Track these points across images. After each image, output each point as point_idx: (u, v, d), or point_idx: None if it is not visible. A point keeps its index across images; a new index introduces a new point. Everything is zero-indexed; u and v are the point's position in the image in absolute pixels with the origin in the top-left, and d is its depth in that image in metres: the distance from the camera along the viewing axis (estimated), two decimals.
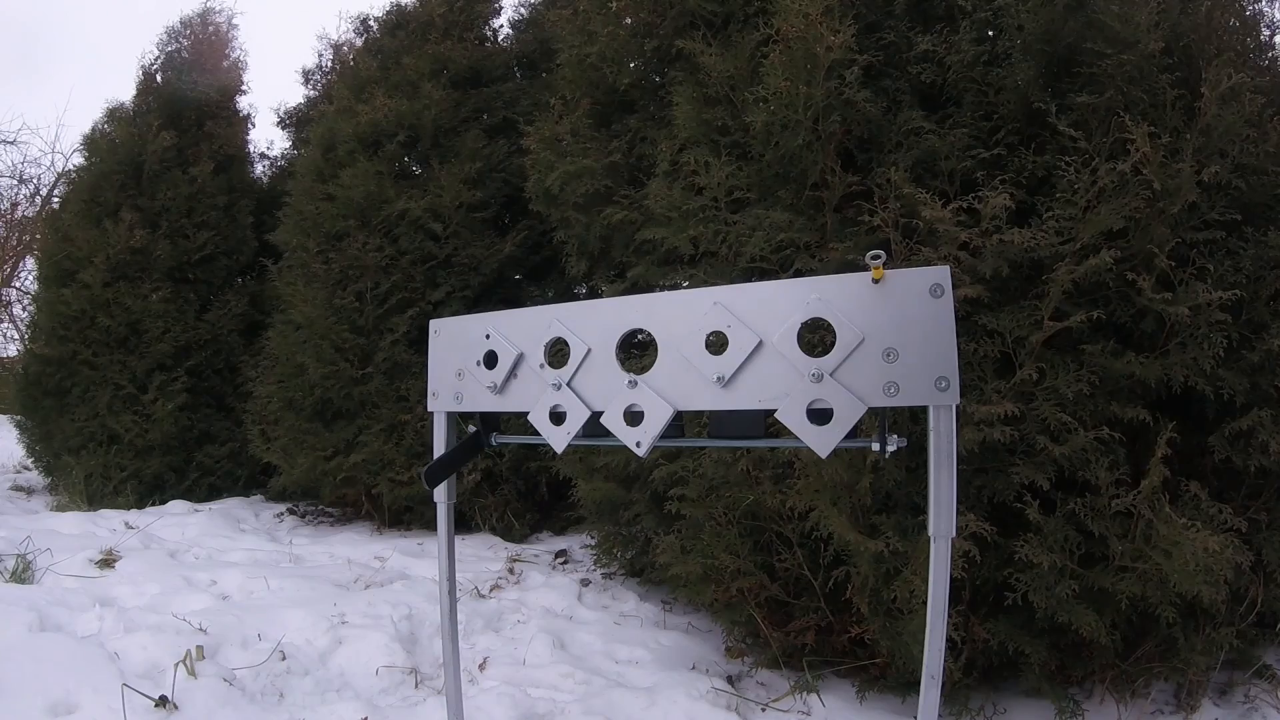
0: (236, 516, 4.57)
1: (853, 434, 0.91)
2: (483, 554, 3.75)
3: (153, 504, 4.93)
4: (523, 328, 1.15)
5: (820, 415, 0.91)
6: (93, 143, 5.71)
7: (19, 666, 1.97)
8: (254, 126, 7.09)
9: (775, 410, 0.93)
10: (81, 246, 5.29)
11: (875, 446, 0.94)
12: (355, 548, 3.78)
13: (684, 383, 1.00)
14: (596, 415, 1.07)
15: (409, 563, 3.54)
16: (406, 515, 4.38)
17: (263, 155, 6.79)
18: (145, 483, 5.12)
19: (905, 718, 2.10)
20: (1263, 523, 1.92)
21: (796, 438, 0.93)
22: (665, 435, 1.03)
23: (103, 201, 5.44)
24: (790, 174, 2.18)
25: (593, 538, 3.36)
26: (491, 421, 1.28)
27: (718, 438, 1.05)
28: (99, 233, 5.29)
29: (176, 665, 2.09)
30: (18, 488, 5.81)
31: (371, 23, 5.53)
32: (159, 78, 5.95)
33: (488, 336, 1.18)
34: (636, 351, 2.36)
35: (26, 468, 6.12)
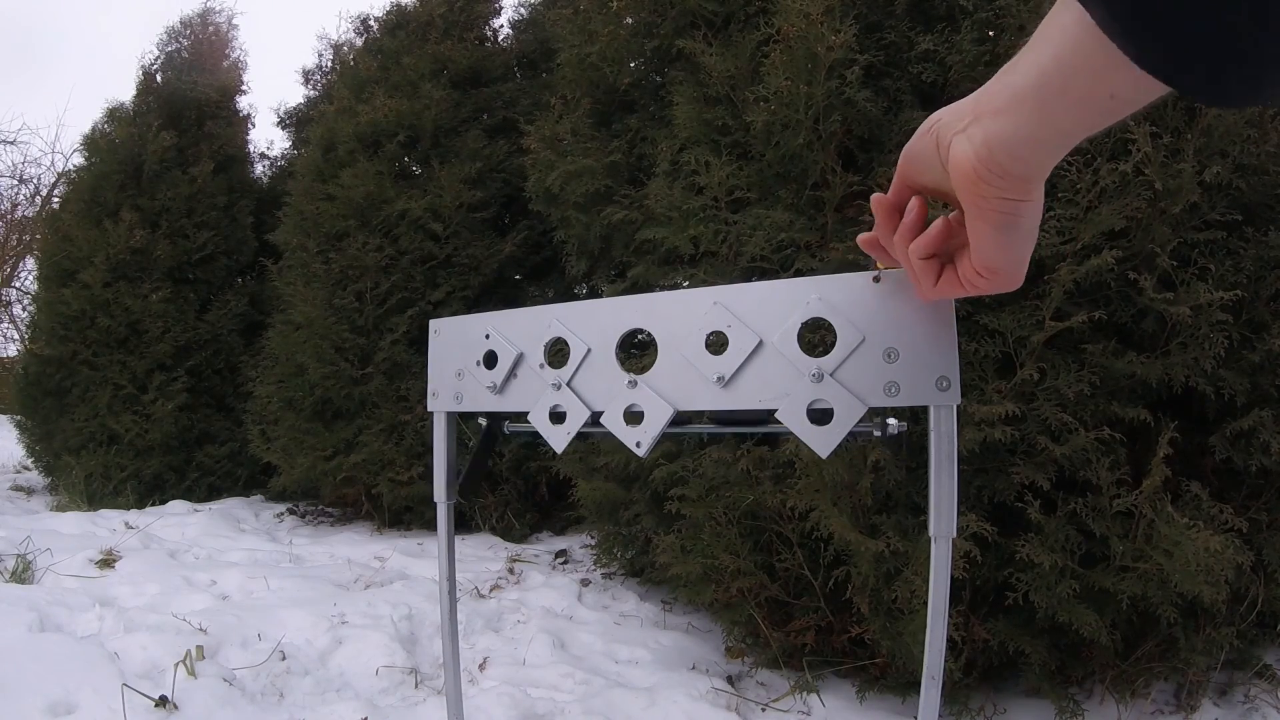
0: (236, 516, 4.57)
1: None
2: (483, 554, 3.75)
3: (153, 504, 4.93)
4: (523, 328, 1.15)
5: (820, 415, 0.91)
6: (93, 143, 5.71)
7: (19, 666, 1.97)
8: (254, 126, 7.11)
9: (775, 410, 0.93)
10: (81, 246, 5.30)
11: (877, 434, 0.94)
12: (355, 548, 3.78)
13: (684, 382, 0.99)
14: (596, 415, 1.07)
15: (409, 563, 3.54)
16: (406, 515, 4.38)
17: (263, 155, 6.80)
18: (145, 483, 5.13)
19: (905, 718, 2.10)
20: (1263, 523, 1.92)
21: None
22: (674, 424, 1.02)
23: (103, 201, 5.44)
24: (791, 174, 2.18)
25: (593, 538, 3.36)
26: (499, 415, 1.27)
27: (724, 424, 1.05)
28: (99, 233, 5.29)
29: (176, 665, 2.09)
30: (18, 488, 5.81)
31: (371, 23, 5.53)
32: (159, 78, 5.96)
33: (487, 336, 1.18)
34: (636, 351, 2.36)
35: (26, 468, 6.12)
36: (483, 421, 1.26)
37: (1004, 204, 0.49)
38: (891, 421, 0.93)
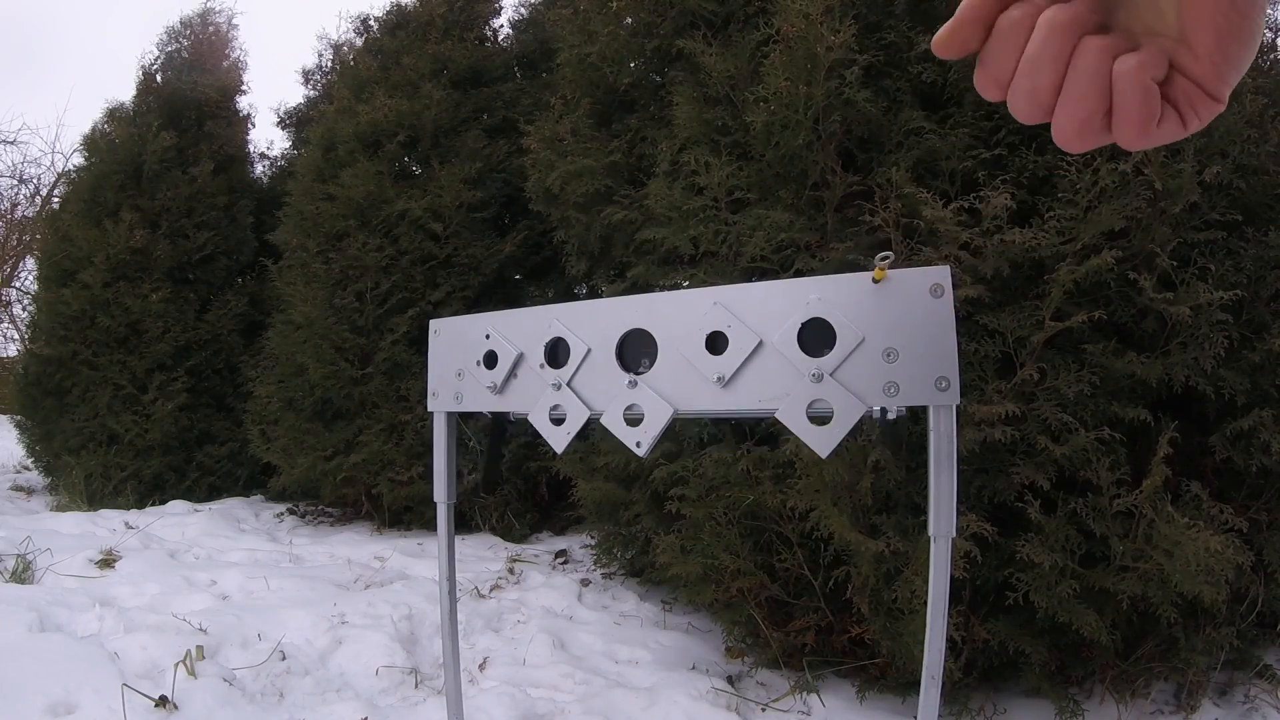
0: (236, 516, 4.57)
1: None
2: (483, 554, 3.75)
3: (153, 504, 4.93)
4: (523, 328, 1.15)
5: (820, 415, 0.91)
6: (93, 143, 5.71)
7: (19, 666, 1.97)
8: (254, 126, 7.11)
9: (775, 410, 0.93)
10: (81, 246, 5.29)
11: (875, 416, 0.94)
12: (355, 548, 3.78)
13: (684, 383, 1.00)
14: (596, 416, 1.07)
15: (409, 563, 3.54)
16: (406, 515, 4.38)
17: (263, 155, 6.79)
18: (145, 483, 5.12)
19: (905, 718, 2.10)
20: (1263, 523, 1.92)
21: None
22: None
23: (103, 201, 5.44)
24: (791, 174, 2.18)
25: (593, 538, 3.36)
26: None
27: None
28: (99, 233, 5.28)
29: (176, 665, 2.09)
30: (18, 488, 5.81)
31: (371, 23, 5.54)
32: (159, 78, 5.96)
33: (488, 336, 1.18)
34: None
35: (26, 468, 6.12)
36: (489, 416, 1.26)
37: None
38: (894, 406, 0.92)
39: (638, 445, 1.02)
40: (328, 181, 4.55)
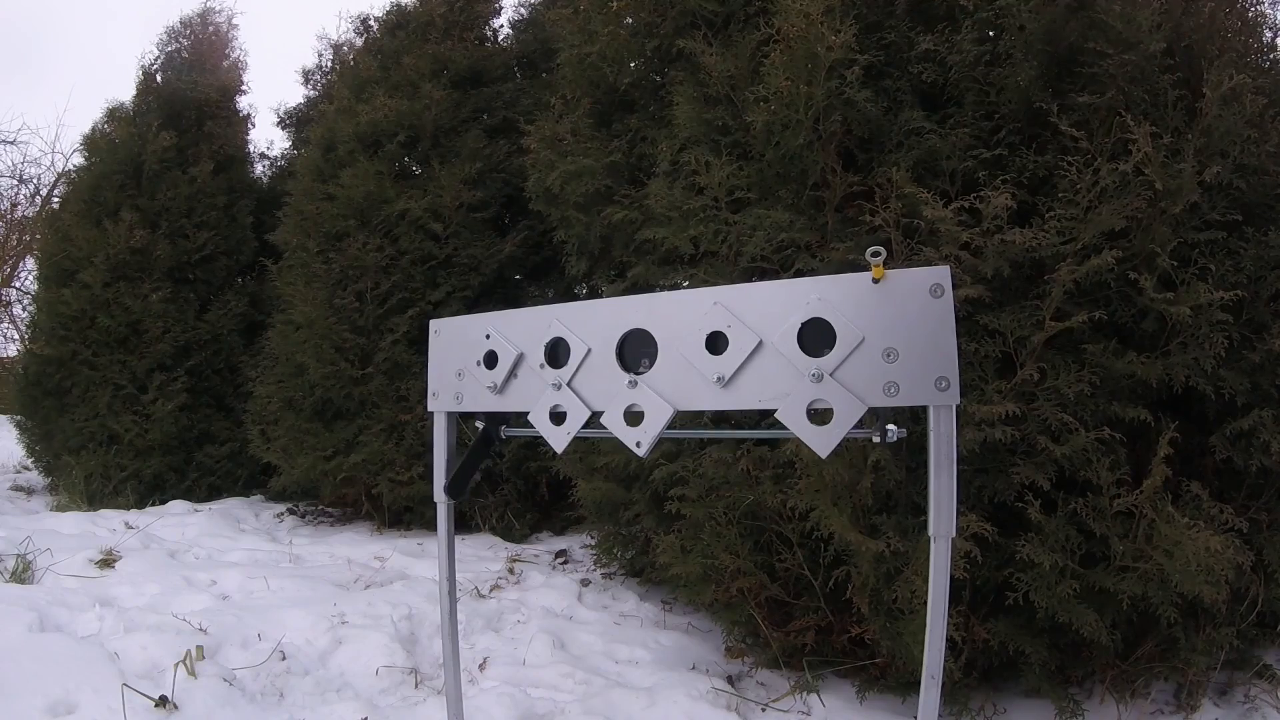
0: (236, 516, 4.56)
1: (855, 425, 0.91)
2: (483, 554, 3.75)
3: (153, 504, 4.93)
4: (523, 328, 1.15)
5: (820, 415, 0.91)
6: (93, 143, 5.71)
7: (19, 666, 1.97)
8: (254, 126, 7.09)
9: (775, 410, 0.93)
10: (81, 246, 5.29)
11: (876, 439, 0.94)
12: (355, 548, 3.78)
13: (684, 383, 1.00)
14: (596, 415, 1.07)
15: (409, 563, 3.54)
16: (406, 515, 4.38)
17: (263, 155, 6.79)
18: (145, 483, 5.12)
19: (905, 718, 2.10)
20: (1263, 523, 1.92)
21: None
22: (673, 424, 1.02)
23: (103, 201, 5.44)
24: (791, 174, 2.18)
25: (593, 538, 3.36)
26: (497, 418, 1.28)
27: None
28: (99, 233, 5.28)
29: (176, 665, 2.09)
30: (18, 488, 5.81)
31: (371, 23, 5.53)
32: (159, 78, 5.95)
33: (488, 336, 1.18)
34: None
35: (26, 468, 6.11)
36: (480, 425, 1.27)
37: None
38: (891, 427, 0.93)
39: (638, 445, 1.02)
40: (328, 181, 4.55)
